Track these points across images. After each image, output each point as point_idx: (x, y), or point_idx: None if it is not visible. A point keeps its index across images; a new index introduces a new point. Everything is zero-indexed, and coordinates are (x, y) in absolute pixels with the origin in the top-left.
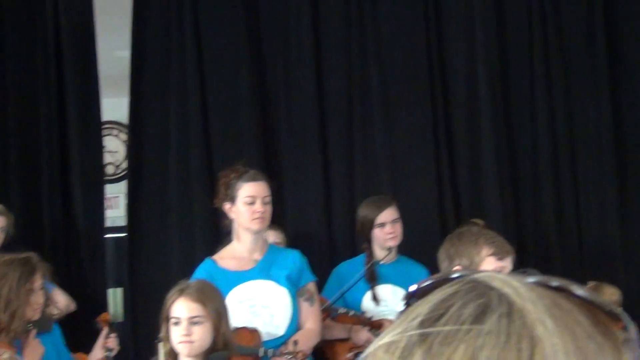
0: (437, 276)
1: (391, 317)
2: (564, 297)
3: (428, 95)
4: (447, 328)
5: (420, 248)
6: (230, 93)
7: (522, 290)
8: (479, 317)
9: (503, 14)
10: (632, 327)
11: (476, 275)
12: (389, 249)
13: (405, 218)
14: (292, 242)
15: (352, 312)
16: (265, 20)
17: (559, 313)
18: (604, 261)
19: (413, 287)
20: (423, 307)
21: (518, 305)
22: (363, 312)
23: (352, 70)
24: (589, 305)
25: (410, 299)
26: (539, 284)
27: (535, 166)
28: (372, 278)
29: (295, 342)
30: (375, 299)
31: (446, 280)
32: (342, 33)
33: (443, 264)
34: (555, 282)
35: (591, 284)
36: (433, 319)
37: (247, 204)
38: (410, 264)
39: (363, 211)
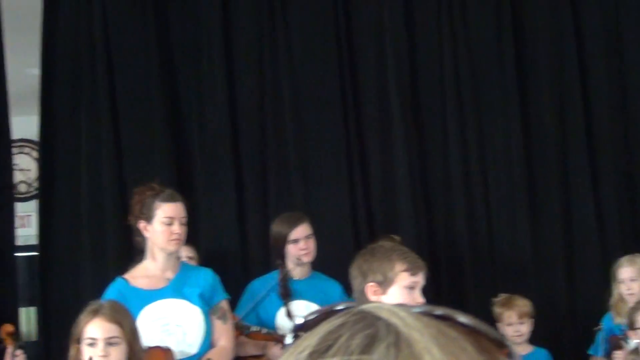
0: (323, 308)
1: None
2: (450, 326)
3: (340, 112)
4: (335, 359)
5: (334, 264)
6: (142, 107)
7: (409, 320)
8: (367, 347)
9: (413, 28)
10: (515, 354)
11: (364, 306)
12: (301, 263)
13: (319, 234)
14: (206, 258)
15: (265, 330)
16: (176, 32)
17: (445, 341)
18: (516, 273)
19: (300, 320)
20: (311, 339)
21: (405, 335)
22: (277, 329)
23: (264, 86)
24: (474, 333)
25: (298, 331)
26: (425, 313)
27: (447, 180)
28: (286, 294)
29: None
30: (289, 315)
31: (333, 312)
32: (253, 45)
33: (356, 281)
34: (440, 310)
35: (503, 296)
36: (321, 350)
37: (164, 224)
38: (324, 280)
39: (276, 227)
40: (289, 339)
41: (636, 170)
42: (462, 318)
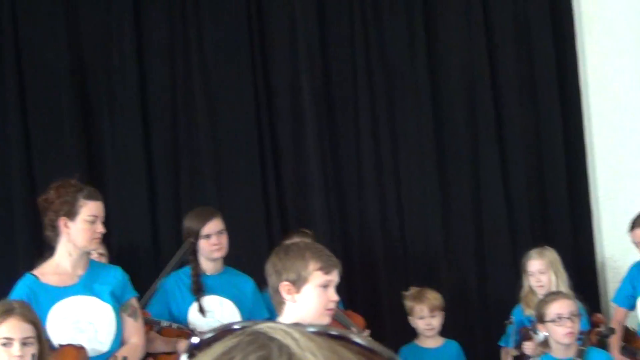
0: (220, 327)
1: None
2: (344, 346)
3: (252, 107)
4: None
5: (246, 259)
6: (51, 103)
7: (303, 341)
8: None
9: (325, 23)
10: None
11: (258, 327)
12: (213, 258)
13: (231, 229)
14: (118, 254)
15: (175, 325)
16: (86, 26)
17: None
18: (428, 267)
19: (196, 340)
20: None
21: (298, 357)
22: (188, 324)
23: (176, 80)
24: (368, 352)
25: (194, 350)
26: (320, 333)
27: (359, 176)
28: (198, 290)
29: (125, 358)
30: (201, 310)
31: (229, 331)
32: (165, 40)
33: (271, 278)
34: (335, 331)
35: (414, 289)
36: None
37: (88, 222)
38: (236, 276)
39: (188, 222)
40: (184, 359)
41: (546, 165)
42: (357, 338)
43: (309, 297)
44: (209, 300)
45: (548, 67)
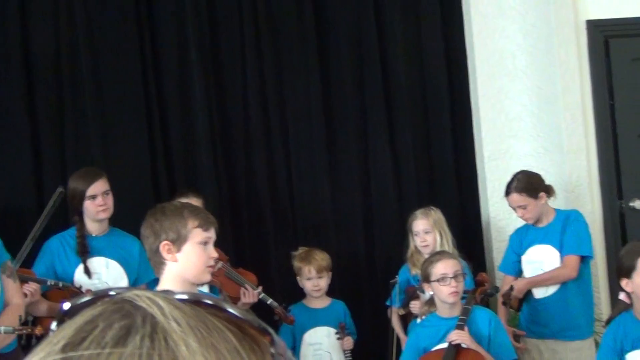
0: (96, 292)
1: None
2: (214, 314)
3: (139, 65)
4: (88, 352)
5: (133, 220)
6: None
7: (169, 310)
8: (122, 339)
9: None
10: (279, 341)
11: (124, 294)
12: (99, 219)
13: (118, 190)
14: (2, 216)
15: (61, 283)
16: None
17: (205, 331)
18: (316, 227)
19: (67, 305)
20: (68, 329)
21: (163, 326)
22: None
23: (60, 37)
24: (239, 322)
25: (63, 317)
26: (192, 301)
27: (247, 136)
28: (84, 251)
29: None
30: (87, 272)
31: (104, 297)
32: (48, 0)
33: (148, 240)
34: (208, 299)
35: (302, 250)
36: (76, 342)
37: None
38: (122, 236)
39: (73, 183)
40: (53, 326)
41: (432, 127)
42: (230, 308)
43: (189, 255)
44: (94, 262)
45: (434, 30)
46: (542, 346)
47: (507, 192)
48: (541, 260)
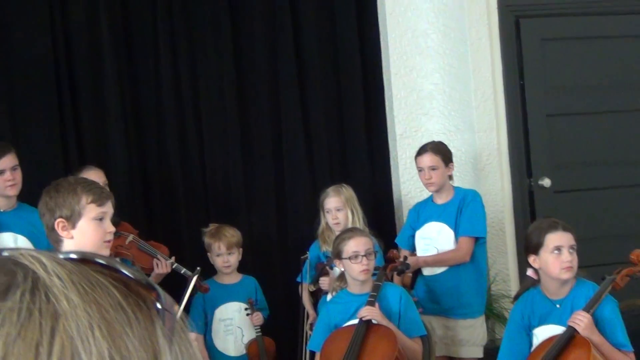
0: None
1: None
2: (100, 272)
3: (49, 38)
4: None
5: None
6: None
7: (51, 266)
8: (2, 294)
9: None
10: (165, 297)
11: (6, 253)
12: (7, 195)
13: (27, 164)
14: None
15: None
16: None
17: (88, 287)
18: (228, 203)
19: None
20: None
21: (44, 281)
22: None
23: None
24: (125, 279)
25: None
26: (84, 260)
27: (159, 111)
28: None
29: None
30: None
31: None
32: None
33: (44, 218)
34: (101, 259)
35: (212, 226)
36: None
37: None
38: (31, 212)
39: None
40: None
41: (345, 104)
42: (117, 266)
43: (85, 232)
44: (3, 237)
45: (348, 9)
46: (435, 322)
47: (421, 152)
48: (434, 237)
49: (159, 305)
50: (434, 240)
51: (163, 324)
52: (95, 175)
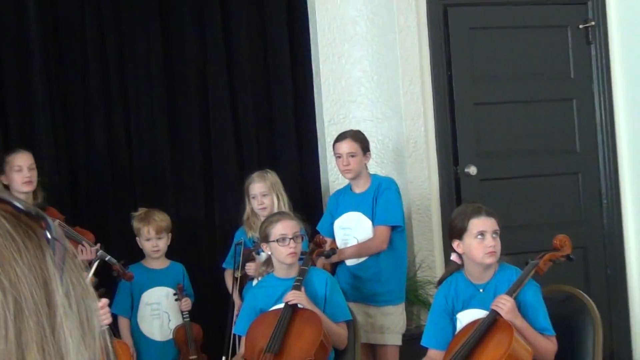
0: None
1: None
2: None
3: None
4: None
5: None
6: None
7: None
8: None
9: None
10: (54, 226)
11: None
12: None
13: None
14: None
15: None
16: None
17: None
18: (155, 189)
19: None
20: None
21: None
22: None
23: None
24: (12, 209)
25: None
26: None
27: (86, 94)
28: None
29: None
30: None
31: None
32: None
33: None
34: None
35: (141, 210)
36: None
37: None
38: None
39: None
40: None
41: (273, 90)
42: (6, 197)
43: None
44: None
45: None
46: (356, 309)
47: (340, 139)
48: (353, 227)
49: (49, 235)
50: (352, 230)
51: (53, 253)
52: (23, 157)
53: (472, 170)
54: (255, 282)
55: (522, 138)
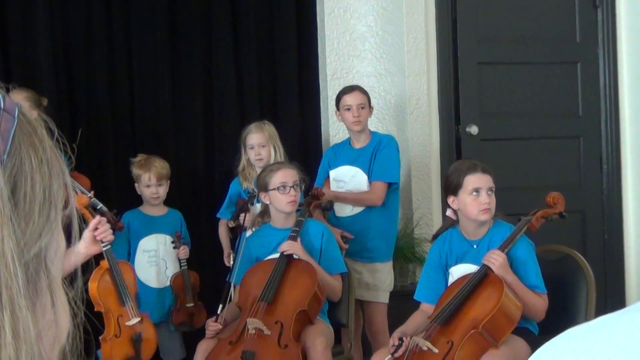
0: None
1: None
2: None
3: None
4: None
5: None
6: None
7: None
8: None
9: None
10: (7, 98)
11: None
12: None
13: None
14: None
15: None
16: None
17: None
18: (155, 136)
19: None
20: None
21: None
22: None
23: None
24: None
25: None
26: None
27: (89, 38)
28: None
29: None
30: None
31: None
32: None
33: None
34: None
35: (141, 156)
36: None
37: None
38: None
39: None
40: None
41: (276, 42)
42: None
43: None
44: None
45: None
46: None
47: (350, 90)
48: (346, 180)
49: None
50: (346, 183)
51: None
52: (20, 94)
53: (474, 129)
54: (249, 232)
55: (524, 100)
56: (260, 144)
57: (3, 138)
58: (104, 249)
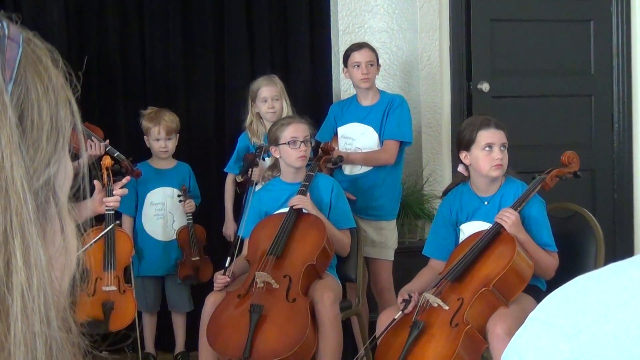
0: None
1: None
2: None
3: None
4: None
5: None
6: None
7: None
8: None
9: None
10: (10, 26)
11: None
12: None
13: None
14: None
15: None
16: None
17: None
18: (167, 89)
19: None
20: None
21: None
22: None
23: None
24: None
25: None
26: None
27: (101, 5)
28: None
29: None
30: None
31: None
32: None
33: None
34: None
35: (151, 109)
36: None
37: None
38: None
39: None
40: None
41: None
42: None
43: None
44: None
45: None
46: None
47: (359, 47)
48: (355, 137)
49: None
50: (355, 141)
51: (3, 54)
52: None
53: (485, 86)
54: (258, 187)
55: (536, 57)
56: (273, 96)
57: (8, 66)
58: (106, 212)
